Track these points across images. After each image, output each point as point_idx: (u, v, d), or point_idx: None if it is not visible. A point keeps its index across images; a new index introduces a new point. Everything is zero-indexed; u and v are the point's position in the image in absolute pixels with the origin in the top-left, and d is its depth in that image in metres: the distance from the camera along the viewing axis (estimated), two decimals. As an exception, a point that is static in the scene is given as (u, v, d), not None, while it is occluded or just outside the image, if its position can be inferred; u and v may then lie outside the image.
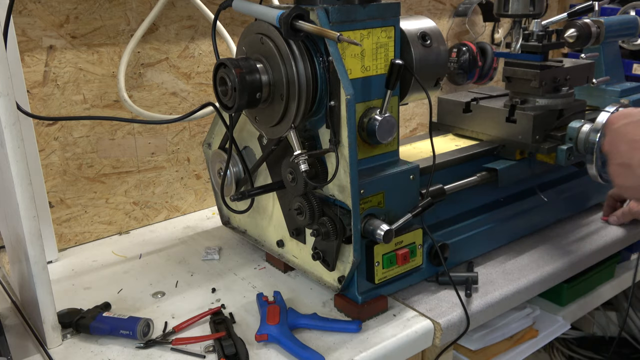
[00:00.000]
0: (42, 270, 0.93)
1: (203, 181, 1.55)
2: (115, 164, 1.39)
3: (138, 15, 1.34)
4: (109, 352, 0.97)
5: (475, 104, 1.38)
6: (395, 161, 1.07)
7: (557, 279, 1.23)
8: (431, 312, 1.05)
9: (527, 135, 1.26)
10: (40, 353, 0.98)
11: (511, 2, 1.31)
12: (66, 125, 1.31)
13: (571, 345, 2.04)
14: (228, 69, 0.94)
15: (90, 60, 1.30)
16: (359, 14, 0.95)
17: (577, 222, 1.42)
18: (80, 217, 1.37)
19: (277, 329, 0.97)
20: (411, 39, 1.07)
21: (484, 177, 1.25)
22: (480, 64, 1.80)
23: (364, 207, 1.00)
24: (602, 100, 1.54)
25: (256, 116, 1.04)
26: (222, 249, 1.34)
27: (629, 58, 1.97)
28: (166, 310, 1.09)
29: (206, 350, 0.97)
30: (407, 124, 1.93)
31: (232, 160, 1.17)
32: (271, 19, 0.93)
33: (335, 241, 0.99)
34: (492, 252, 1.27)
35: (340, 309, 1.07)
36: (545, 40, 1.28)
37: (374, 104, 1.02)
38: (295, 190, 1.00)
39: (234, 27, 1.48)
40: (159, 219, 1.50)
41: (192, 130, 1.49)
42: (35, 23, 1.22)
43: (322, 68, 0.94)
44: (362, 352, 0.95)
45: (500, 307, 1.12)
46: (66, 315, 1.03)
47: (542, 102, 1.29)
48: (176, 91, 1.45)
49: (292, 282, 1.18)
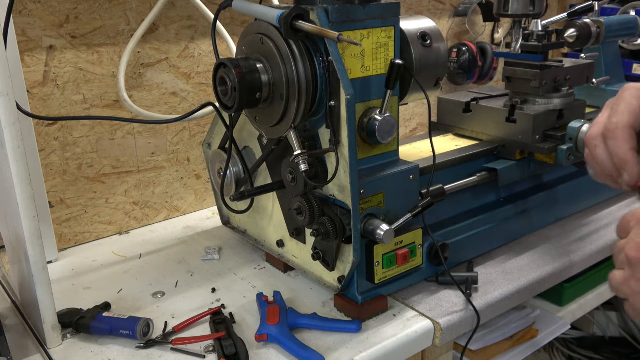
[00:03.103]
0: (42, 270, 0.93)
1: (203, 181, 1.55)
2: (115, 164, 1.39)
3: (138, 15, 1.34)
4: (109, 352, 0.97)
5: (475, 104, 1.38)
6: (395, 161, 1.07)
7: (557, 279, 1.23)
8: (431, 312, 1.05)
9: (527, 135, 1.26)
10: (40, 353, 0.98)
11: (511, 2, 1.31)
12: (66, 125, 1.31)
13: (571, 345, 2.04)
14: (228, 69, 0.94)
15: (90, 60, 1.30)
16: (359, 14, 0.95)
17: (577, 222, 1.42)
18: (80, 217, 1.37)
19: (277, 329, 0.97)
20: (411, 39, 1.07)
21: (484, 177, 1.25)
22: (480, 64, 1.80)
23: (364, 207, 1.00)
24: (602, 100, 1.54)
25: (256, 116, 1.04)
26: (222, 249, 1.34)
27: (629, 58, 1.97)
28: (166, 310, 1.09)
29: (206, 350, 0.97)
30: (407, 124, 1.93)
31: (232, 160, 1.17)
32: (271, 19, 0.93)
33: (335, 241, 0.99)
34: (492, 252, 1.27)
35: (340, 309, 1.07)
36: (545, 40, 1.28)
37: (374, 104, 1.02)
38: (295, 190, 1.00)
39: (234, 27, 1.48)
40: (159, 219, 1.50)
41: (192, 130, 1.49)
42: (35, 23, 1.22)
43: (322, 68, 0.94)
44: (362, 352, 0.95)
45: (500, 307, 1.12)
46: (66, 315, 1.03)
47: (542, 102, 1.29)
48: (176, 91, 1.45)
49: (292, 282, 1.18)
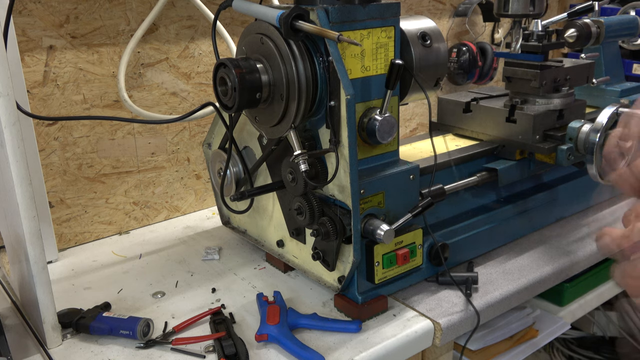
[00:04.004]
0: (42, 270, 0.93)
1: (203, 181, 1.55)
2: (115, 164, 1.39)
3: (138, 15, 1.34)
4: (109, 352, 0.97)
5: (475, 104, 1.38)
6: (395, 161, 1.07)
7: (557, 279, 1.23)
8: (431, 312, 1.05)
9: (527, 135, 1.26)
10: (40, 353, 0.98)
11: (511, 2, 1.30)
12: (66, 125, 1.31)
13: (571, 345, 2.04)
14: (228, 69, 0.94)
15: (90, 60, 1.30)
16: (359, 14, 0.95)
17: (577, 222, 1.42)
18: (80, 217, 1.37)
19: (277, 329, 0.97)
20: (411, 39, 1.07)
21: (484, 177, 1.25)
22: (480, 64, 1.80)
23: (364, 207, 1.00)
24: (602, 100, 1.54)
25: (256, 116, 1.04)
26: (222, 249, 1.34)
27: (629, 58, 1.97)
28: (166, 310, 1.09)
29: (206, 350, 0.97)
30: (407, 124, 1.93)
31: (232, 160, 1.17)
32: (271, 19, 0.93)
33: (335, 241, 0.99)
34: (492, 252, 1.27)
35: (340, 309, 1.07)
36: (545, 40, 1.28)
37: (374, 104, 1.02)
38: (295, 190, 1.00)
39: (234, 27, 1.48)
40: (159, 219, 1.50)
41: (192, 130, 1.49)
42: (35, 23, 1.22)
43: (322, 68, 0.94)
44: (362, 352, 0.95)
45: (500, 307, 1.12)
46: (66, 315, 1.03)
47: (542, 102, 1.29)
48: (176, 91, 1.45)
49: (292, 282, 1.18)
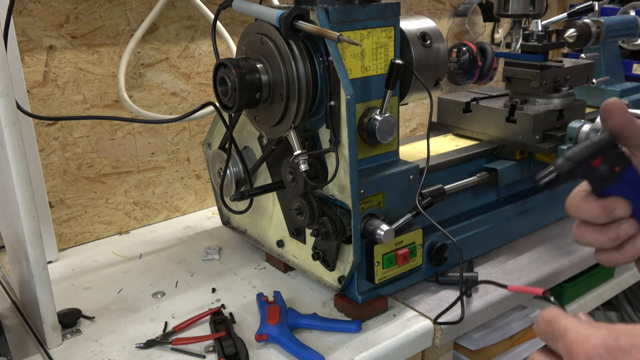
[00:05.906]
0: (42, 270, 0.93)
1: (203, 181, 1.55)
2: (115, 164, 1.39)
3: (138, 15, 1.34)
4: (109, 352, 0.97)
5: (475, 104, 1.38)
6: (395, 161, 1.07)
7: (557, 279, 1.23)
8: (431, 312, 1.04)
9: (527, 135, 1.26)
10: (40, 353, 0.98)
11: (511, 2, 1.31)
12: (66, 125, 1.30)
13: (571, 345, 2.04)
14: (228, 69, 0.94)
15: (90, 60, 1.30)
16: (359, 14, 0.95)
17: (577, 222, 1.42)
18: (80, 217, 1.37)
19: (277, 329, 0.97)
20: (411, 39, 1.07)
21: (484, 177, 1.25)
22: (480, 64, 1.80)
23: (364, 207, 1.00)
24: (602, 100, 1.53)
25: (256, 116, 1.03)
26: (222, 249, 1.34)
27: (629, 58, 1.97)
28: (166, 310, 1.09)
29: (206, 350, 0.97)
30: (407, 124, 1.93)
31: (232, 160, 1.17)
32: (271, 19, 0.93)
33: (335, 241, 0.99)
34: (492, 252, 1.27)
35: (340, 309, 1.07)
36: (545, 40, 1.28)
37: (374, 104, 1.02)
38: (295, 190, 1.00)
39: (234, 27, 1.48)
40: (159, 219, 1.50)
41: (192, 130, 1.49)
42: (35, 23, 1.22)
43: (322, 68, 0.94)
44: (362, 352, 0.95)
45: (500, 307, 1.12)
46: (66, 315, 1.03)
47: (542, 102, 1.29)
48: (176, 91, 1.45)
49: (292, 282, 1.18)
